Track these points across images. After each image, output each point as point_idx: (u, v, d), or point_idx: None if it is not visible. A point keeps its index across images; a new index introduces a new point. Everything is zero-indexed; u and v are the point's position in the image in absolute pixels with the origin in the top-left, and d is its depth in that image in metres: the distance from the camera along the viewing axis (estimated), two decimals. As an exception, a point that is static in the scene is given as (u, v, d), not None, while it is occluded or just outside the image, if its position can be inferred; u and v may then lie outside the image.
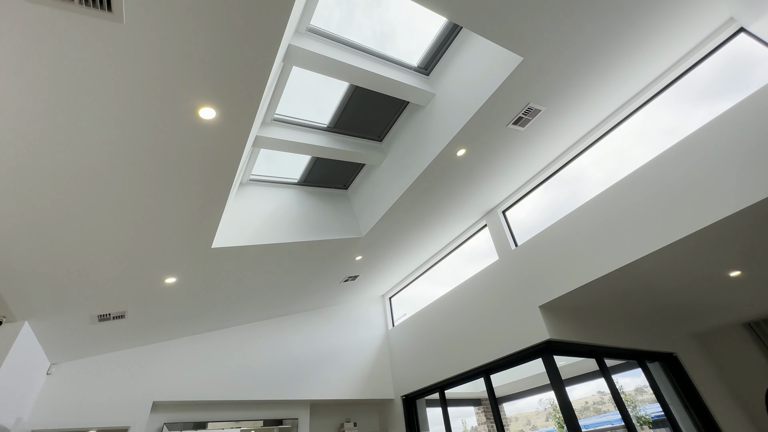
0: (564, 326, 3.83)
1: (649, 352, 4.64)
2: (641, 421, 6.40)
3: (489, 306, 4.43)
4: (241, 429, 4.72)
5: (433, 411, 5.65)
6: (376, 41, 3.06)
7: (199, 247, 3.06)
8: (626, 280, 3.50)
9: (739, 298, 4.35)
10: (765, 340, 5.14)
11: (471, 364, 4.49)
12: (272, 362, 5.06)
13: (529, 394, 9.01)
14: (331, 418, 5.58)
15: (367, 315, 6.34)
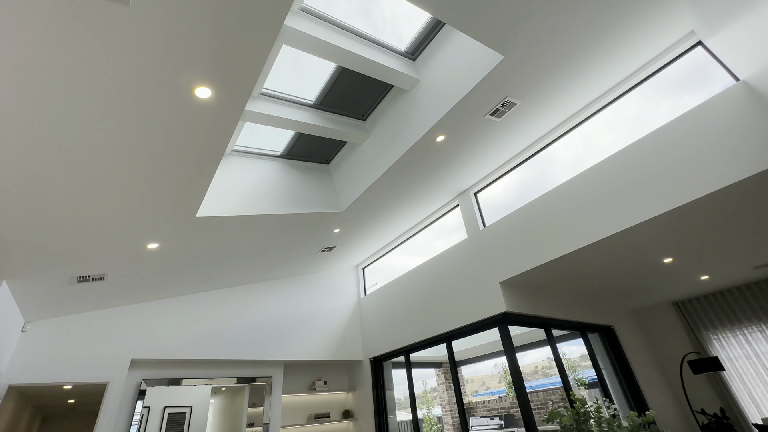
0: (519, 300, 4.29)
1: (590, 325, 5.26)
2: (579, 383, 7.29)
3: (454, 279, 4.82)
4: (213, 386, 5.00)
5: (397, 372, 6.18)
6: (366, 23, 3.11)
7: (183, 216, 3.15)
8: (576, 263, 3.94)
9: (670, 281, 4.98)
10: (688, 316, 5.94)
11: (435, 331, 4.93)
12: (248, 324, 5.30)
13: (485, 359, 9.89)
14: (303, 376, 5.97)
15: (341, 283, 6.64)
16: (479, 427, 8.37)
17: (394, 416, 5.73)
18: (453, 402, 9.33)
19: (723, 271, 4.80)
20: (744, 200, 3.01)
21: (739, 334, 5.42)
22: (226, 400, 5.08)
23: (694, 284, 5.23)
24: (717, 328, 5.62)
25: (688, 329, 5.90)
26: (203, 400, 4.88)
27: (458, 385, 4.64)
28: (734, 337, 5.46)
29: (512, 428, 7.66)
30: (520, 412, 3.80)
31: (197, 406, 4.80)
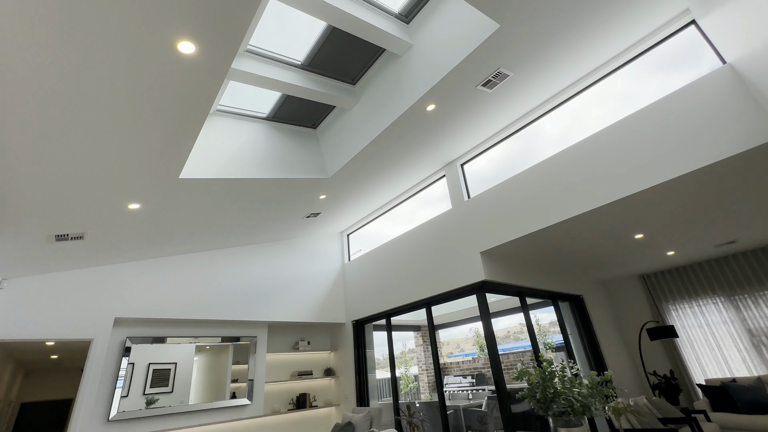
0: (497, 269, 4.47)
1: (561, 294, 5.57)
2: (547, 347, 7.81)
3: (437, 248, 4.96)
4: (197, 344, 5.11)
5: (378, 334, 6.45)
6: (359, -21, 2.94)
7: (166, 177, 3.07)
8: (553, 236, 4.10)
9: (639, 256, 5.26)
10: (651, 288, 6.35)
11: (416, 297, 5.13)
12: (232, 286, 5.36)
13: (461, 324, 10.41)
14: (287, 337, 6.17)
15: (326, 249, 6.72)
16: (453, 384, 8.95)
17: (374, 374, 6.06)
18: (429, 362, 9.88)
19: (688, 248, 5.10)
20: (716, 181, 3.16)
21: (695, 305, 5.86)
22: (210, 358, 5.22)
23: (661, 259, 5.56)
24: (676, 299, 6.05)
25: (650, 300, 6.33)
26: (187, 357, 5.00)
27: (435, 347, 4.90)
28: (690, 308, 5.90)
29: (483, 386, 8.23)
30: (492, 372, 4.08)
31: (181, 362, 4.92)
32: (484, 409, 6.00)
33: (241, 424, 5.17)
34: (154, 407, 4.52)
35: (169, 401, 4.65)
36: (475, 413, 6.12)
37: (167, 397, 4.66)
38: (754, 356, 5.20)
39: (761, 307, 5.24)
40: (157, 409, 4.52)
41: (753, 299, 5.33)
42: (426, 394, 9.44)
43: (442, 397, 4.64)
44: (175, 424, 4.58)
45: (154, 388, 4.60)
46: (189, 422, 4.68)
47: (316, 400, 5.98)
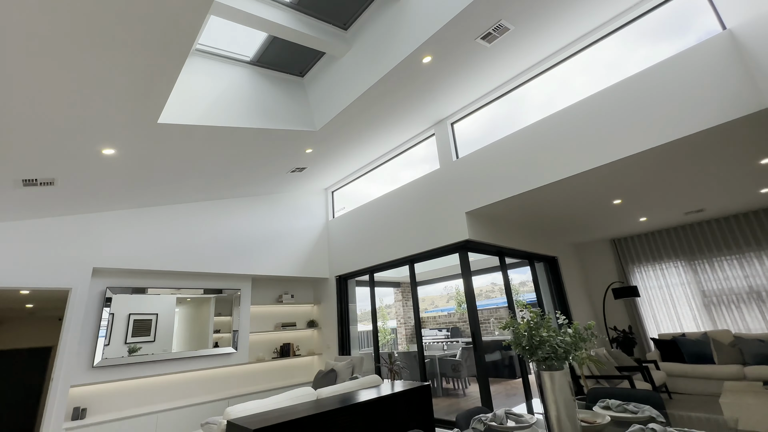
0: (480, 230, 4.58)
1: (538, 255, 5.83)
2: (519, 304, 8.31)
3: (423, 207, 5.00)
4: (179, 296, 5.11)
5: (360, 290, 6.63)
6: None
7: (144, 121, 2.87)
8: (536, 198, 4.20)
9: (613, 221, 5.50)
10: (620, 252, 6.73)
11: (399, 254, 5.23)
12: (215, 239, 5.28)
13: (437, 282, 10.84)
14: (270, 290, 6.25)
15: (310, 205, 6.66)
16: (429, 336, 9.48)
17: (356, 326, 6.30)
18: (408, 316, 10.35)
19: (659, 215, 5.36)
20: (695, 151, 3.26)
21: (658, 268, 6.28)
22: (191, 310, 5.25)
23: (633, 224, 5.83)
24: (642, 262, 6.46)
25: (618, 263, 6.73)
26: (169, 308, 5.02)
27: (417, 301, 5.10)
28: (653, 271, 6.33)
29: (457, 338, 8.77)
30: (470, 325, 4.32)
31: (163, 313, 4.94)
32: (458, 359, 6.43)
33: (227, 370, 5.35)
34: (137, 355, 4.59)
35: (152, 350, 4.72)
36: (449, 362, 6.55)
37: (150, 345, 4.73)
38: (704, 314, 5.72)
39: (716, 270, 5.69)
40: (141, 356, 4.59)
41: (710, 264, 5.76)
42: (403, 345, 9.98)
43: (421, 347, 4.91)
44: (159, 371, 4.69)
45: (136, 337, 4.64)
46: (173, 368, 4.80)
47: (299, 349, 6.22)
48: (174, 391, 4.83)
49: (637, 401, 1.83)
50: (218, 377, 5.24)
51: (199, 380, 5.07)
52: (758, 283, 5.32)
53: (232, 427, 2.30)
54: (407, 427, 2.92)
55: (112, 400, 4.37)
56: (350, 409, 2.60)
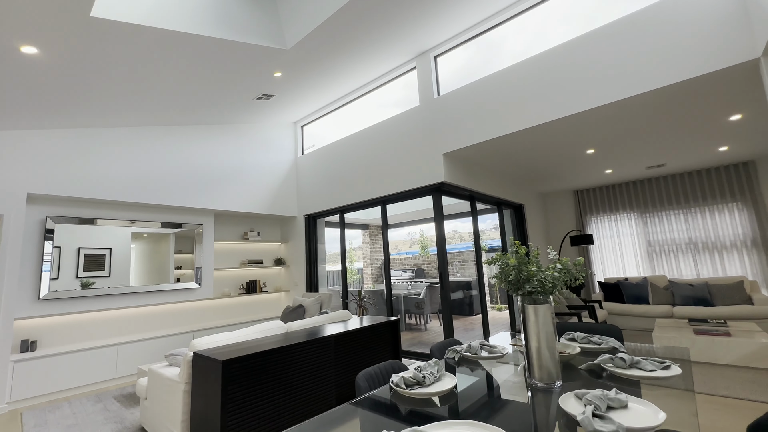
0: (456, 172, 4.52)
1: (506, 201, 5.94)
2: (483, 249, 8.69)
3: (399, 146, 4.80)
4: (134, 230, 4.76)
5: (329, 231, 6.56)
6: None
7: (71, 12, 2.33)
8: (514, 143, 4.13)
9: (581, 171, 5.63)
10: (581, 202, 7.04)
11: (372, 195, 5.11)
12: (174, 170, 4.84)
13: (402, 227, 11.02)
14: (235, 226, 6.00)
15: (278, 139, 6.22)
16: (395, 277, 9.81)
17: (324, 266, 6.31)
18: (375, 258, 10.57)
19: (624, 167, 5.55)
20: (674, 102, 3.26)
21: (613, 219, 6.68)
22: (149, 246, 4.95)
23: (598, 176, 6.03)
24: (599, 213, 6.83)
25: (578, 212, 7.07)
26: (123, 243, 4.69)
27: (387, 243, 5.11)
28: (608, 221, 6.73)
29: (421, 278, 9.15)
30: (438, 266, 4.43)
31: (117, 248, 4.62)
32: (422, 297, 6.74)
33: (191, 305, 5.24)
34: (93, 288, 4.33)
35: (108, 284, 4.48)
36: (413, 300, 6.86)
37: (105, 280, 4.47)
38: (645, 262, 6.27)
39: (663, 223, 6.14)
40: (95, 290, 4.34)
41: (659, 217, 6.20)
42: (369, 284, 10.31)
43: (389, 285, 5.03)
44: (117, 304, 4.49)
45: (88, 271, 4.35)
46: (132, 302, 4.61)
47: (266, 286, 6.19)
48: (135, 324, 4.69)
49: (600, 334, 1.95)
50: (182, 312, 5.14)
51: (162, 314, 4.94)
52: (696, 236, 5.84)
53: (198, 359, 2.24)
54: (377, 359, 3.03)
55: (66, 333, 4.17)
56: (322, 341, 2.61)
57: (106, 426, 2.93)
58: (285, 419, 2.29)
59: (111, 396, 3.69)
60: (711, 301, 5.05)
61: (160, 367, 2.71)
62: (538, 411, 1.21)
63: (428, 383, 1.34)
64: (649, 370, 1.36)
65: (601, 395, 1.03)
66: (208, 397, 2.10)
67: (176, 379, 2.38)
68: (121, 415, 3.15)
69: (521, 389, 1.40)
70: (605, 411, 0.98)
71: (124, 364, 4.18)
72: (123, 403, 3.44)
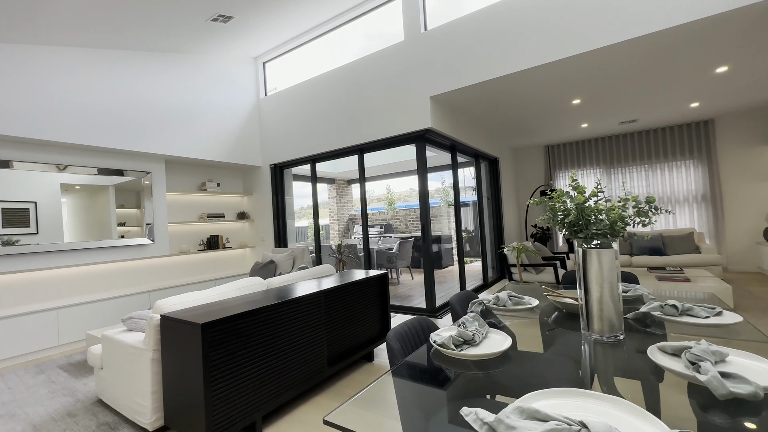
0: (442, 119, 4.21)
1: (483, 154, 5.80)
2: (449, 204, 8.66)
3: (380, 87, 4.35)
4: (63, 182, 4.00)
5: (296, 184, 6.07)
6: None
7: None
8: (502, 89, 3.88)
9: (559, 125, 5.56)
10: (551, 157, 7.11)
11: (347, 142, 4.69)
12: (115, 105, 4.03)
13: (369, 181, 10.69)
14: (191, 176, 5.31)
15: (236, 76, 5.43)
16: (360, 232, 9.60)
17: (293, 221, 5.90)
18: (341, 213, 10.24)
19: (599, 122, 5.56)
20: (665, 49, 3.13)
21: (579, 174, 6.85)
22: (83, 200, 4.20)
23: (573, 131, 6.03)
24: (567, 168, 6.96)
25: (547, 167, 7.16)
26: (51, 196, 3.93)
27: (365, 195, 4.79)
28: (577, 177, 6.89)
29: (390, 233, 9.05)
30: (421, 219, 4.23)
31: (44, 202, 3.87)
32: (394, 251, 6.63)
33: (145, 263, 4.67)
34: (17, 246, 3.63)
35: (36, 241, 3.78)
36: (385, 254, 6.74)
37: (32, 237, 3.77)
38: (607, 215, 6.58)
39: (627, 179, 6.40)
40: (21, 247, 3.65)
41: (623, 172, 6.43)
42: (336, 240, 10.05)
43: (366, 239, 4.79)
44: (50, 263, 3.84)
45: (9, 228, 3.61)
46: (71, 260, 3.98)
47: (229, 241, 5.70)
48: (78, 286, 4.09)
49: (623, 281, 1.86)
50: (134, 271, 4.57)
51: (110, 274, 4.35)
52: (654, 190, 6.16)
53: (169, 323, 1.88)
54: (368, 316, 2.84)
55: (-13, 297, 3.51)
56: (312, 298, 2.34)
57: (53, 400, 2.52)
58: (275, 384, 2.05)
59: (55, 366, 3.22)
60: (664, 251, 5.43)
61: (116, 333, 2.31)
62: (624, 367, 1.06)
63: (477, 342, 1.13)
64: (704, 317, 1.26)
65: (705, 348, 0.88)
66: (186, 366, 1.78)
67: (140, 346, 2.02)
68: (70, 386, 2.73)
69: (572, 343, 1.24)
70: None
71: (68, 330, 3.65)
72: (72, 373, 3.01)
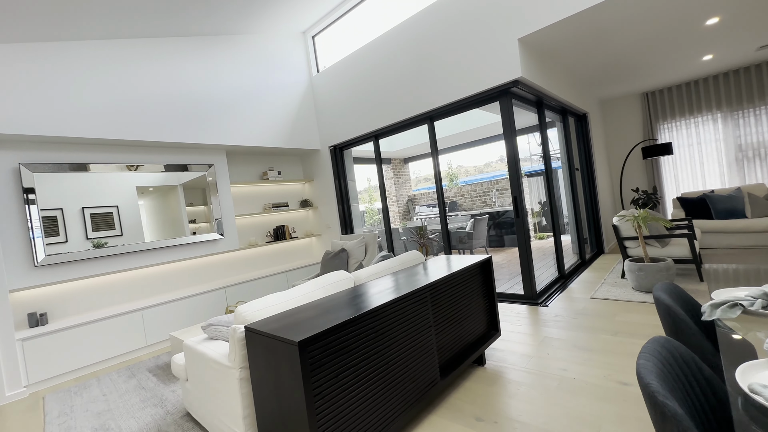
0: (531, 68, 3.45)
1: (572, 109, 4.89)
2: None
3: (451, 38, 3.69)
4: (138, 185, 3.93)
5: (357, 167, 5.65)
6: None
7: None
8: (612, 16, 3.01)
9: (677, 59, 4.46)
10: (651, 107, 5.92)
11: (414, 111, 4.11)
12: (167, 97, 3.85)
13: (419, 159, 10.04)
14: (252, 166, 5.11)
15: (286, 54, 5.05)
16: (425, 213, 9.07)
17: (357, 205, 5.51)
18: (400, 194, 9.76)
19: (730, 50, 4.36)
20: None
21: (692, 123, 5.61)
22: (156, 201, 4.17)
23: (688, 67, 4.85)
24: (673, 118, 5.73)
25: (647, 119, 5.97)
26: (129, 199, 3.92)
27: (438, 170, 4.21)
28: (686, 127, 5.67)
29: (456, 212, 8.40)
30: (511, 190, 3.57)
31: (124, 205, 3.87)
32: (468, 230, 6.01)
33: (217, 258, 4.58)
34: (107, 248, 3.65)
35: (122, 242, 3.81)
36: (456, 234, 6.15)
37: (118, 239, 3.80)
38: (734, 171, 5.32)
39: (762, 122, 5.07)
40: (109, 249, 3.65)
41: (755, 115, 5.11)
42: (396, 224, 9.63)
43: (444, 220, 4.23)
44: (135, 263, 3.82)
45: (98, 231, 3.64)
46: (151, 260, 3.94)
47: (295, 231, 5.48)
48: (156, 284, 4.07)
49: None
50: (207, 267, 4.49)
51: (184, 271, 4.30)
52: (806, 132, 4.80)
53: (255, 337, 1.51)
54: (474, 311, 2.32)
55: (80, 301, 3.56)
56: (416, 294, 1.87)
57: (144, 411, 2.37)
58: (389, 406, 1.62)
59: (145, 368, 3.15)
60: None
61: (198, 342, 2.04)
62: None
63: None
64: None
65: None
66: (282, 390, 1.41)
67: (226, 363, 1.69)
68: (160, 394, 2.59)
69: None
70: None
71: (153, 331, 3.62)
72: (160, 378, 2.89)
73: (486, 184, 8.38)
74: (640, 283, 3.32)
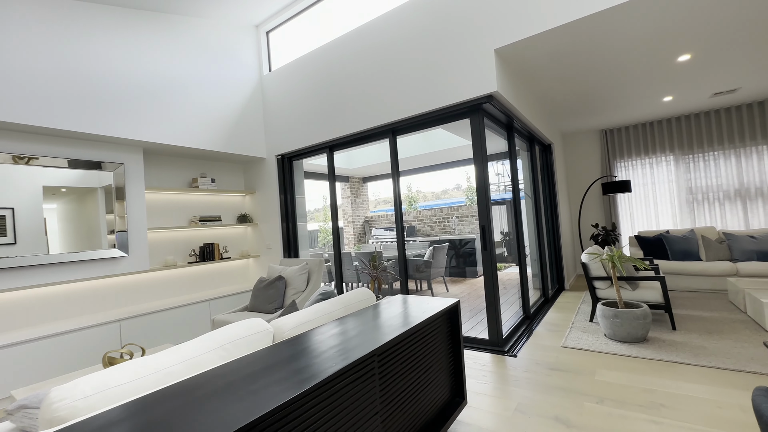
0: (507, 85, 3.12)
1: (539, 138, 4.70)
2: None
3: (420, 45, 3.28)
4: (45, 184, 3.02)
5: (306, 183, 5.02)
6: None
7: None
8: (591, 36, 2.77)
9: (639, 97, 4.42)
10: (609, 144, 5.96)
11: (375, 121, 3.62)
12: (67, 74, 3.02)
13: (379, 179, 9.62)
14: (178, 170, 4.28)
15: (234, 46, 4.40)
16: (382, 236, 8.53)
17: (305, 223, 4.84)
18: (357, 215, 9.18)
19: (688, 93, 4.41)
20: None
21: (646, 163, 5.69)
22: (72, 206, 3.27)
23: (655, 106, 4.87)
24: (630, 156, 5.80)
25: (604, 156, 6.00)
26: (32, 200, 3.00)
27: (398, 189, 3.70)
28: (641, 166, 5.74)
29: (413, 237, 7.95)
30: (479, 218, 3.14)
31: (22, 209, 2.93)
32: (427, 258, 5.53)
33: (119, 281, 3.64)
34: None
35: (15, 252, 2.86)
36: (413, 262, 5.65)
37: (9, 249, 2.84)
38: (685, 212, 5.40)
39: (710, 167, 5.22)
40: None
41: (704, 159, 5.26)
42: (349, 246, 8.98)
43: (402, 246, 3.70)
44: (29, 281, 2.83)
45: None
46: (52, 277, 2.96)
47: (227, 250, 4.65)
48: (34, 312, 3.06)
49: None
50: (104, 291, 3.55)
51: (79, 295, 3.33)
52: (749, 180, 4.97)
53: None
54: (433, 373, 1.75)
55: None
56: (364, 361, 1.26)
57: None
58: None
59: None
60: (778, 254, 4.26)
61: (2, 435, 1.25)
62: None
63: None
64: None
65: None
66: None
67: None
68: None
69: None
70: None
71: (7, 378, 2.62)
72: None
73: (446, 209, 8.08)
74: (614, 331, 2.96)
